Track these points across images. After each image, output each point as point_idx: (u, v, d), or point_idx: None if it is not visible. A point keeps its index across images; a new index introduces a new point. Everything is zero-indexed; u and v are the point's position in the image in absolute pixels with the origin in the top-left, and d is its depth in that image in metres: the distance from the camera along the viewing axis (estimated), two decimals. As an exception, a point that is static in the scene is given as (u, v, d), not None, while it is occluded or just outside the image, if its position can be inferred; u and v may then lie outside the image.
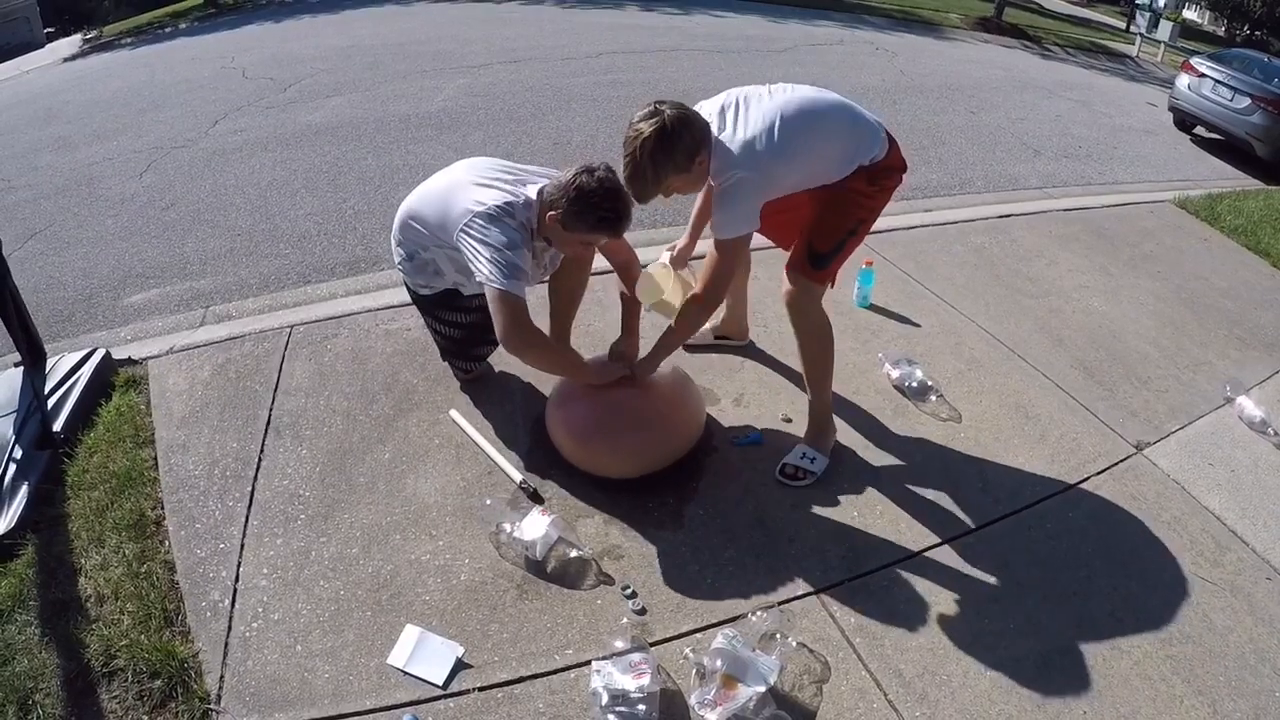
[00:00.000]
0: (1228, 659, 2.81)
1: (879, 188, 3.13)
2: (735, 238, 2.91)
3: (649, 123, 2.69)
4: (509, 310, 2.91)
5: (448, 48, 12.54)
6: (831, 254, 3.14)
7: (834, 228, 3.13)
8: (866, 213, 3.17)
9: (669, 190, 2.88)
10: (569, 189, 2.89)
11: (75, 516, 3.07)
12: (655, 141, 2.68)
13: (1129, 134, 10.92)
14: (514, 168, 3.24)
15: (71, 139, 9.12)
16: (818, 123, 2.98)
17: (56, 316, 5.01)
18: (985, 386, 4.07)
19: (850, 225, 3.15)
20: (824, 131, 3.00)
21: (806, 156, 2.95)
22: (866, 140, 3.05)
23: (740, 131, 2.86)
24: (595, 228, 2.93)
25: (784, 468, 3.39)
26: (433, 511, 3.12)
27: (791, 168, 2.92)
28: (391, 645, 2.60)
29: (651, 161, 2.71)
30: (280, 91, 10.22)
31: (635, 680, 2.38)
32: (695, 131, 2.77)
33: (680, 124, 2.72)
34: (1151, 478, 3.63)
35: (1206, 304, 5.28)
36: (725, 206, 2.88)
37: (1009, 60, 16.55)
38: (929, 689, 2.59)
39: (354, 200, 6.53)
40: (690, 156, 2.78)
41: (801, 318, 3.22)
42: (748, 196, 2.86)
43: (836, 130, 3.03)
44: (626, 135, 2.74)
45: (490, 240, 2.92)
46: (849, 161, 3.03)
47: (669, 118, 2.70)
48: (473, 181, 3.13)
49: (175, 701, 2.43)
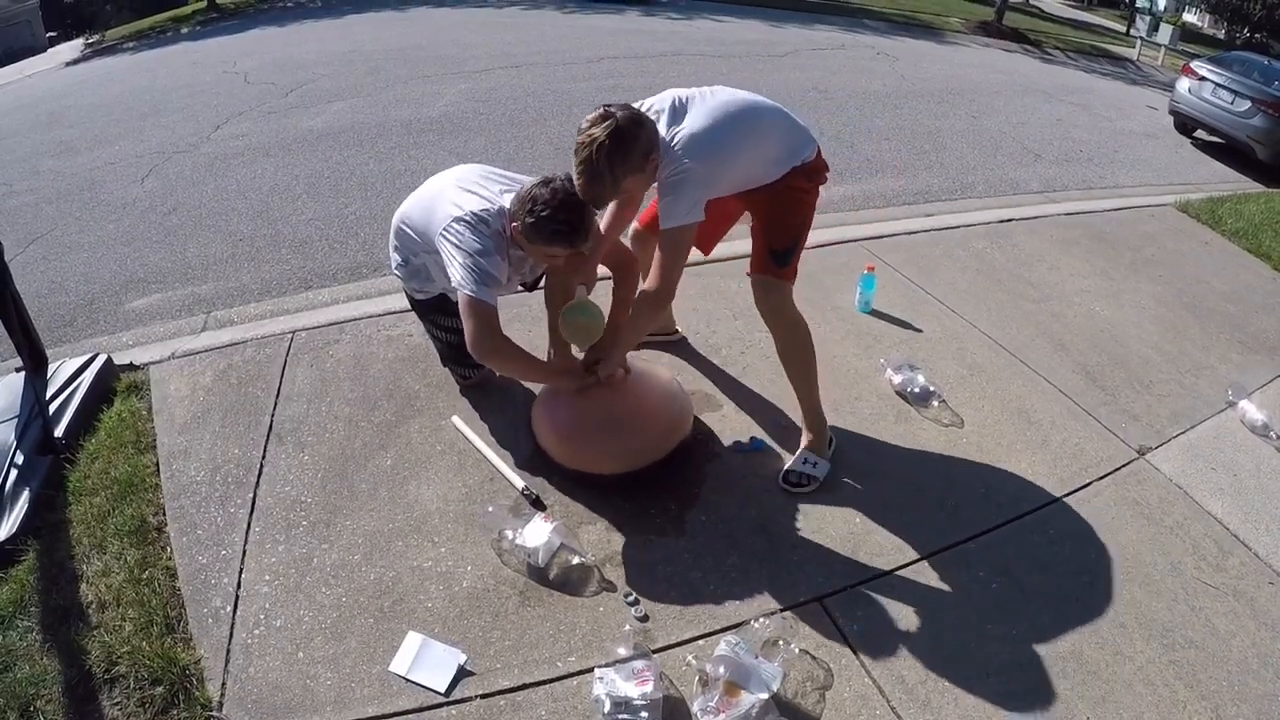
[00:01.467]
0: (1230, 664, 2.80)
1: (814, 185, 3.21)
2: (682, 226, 2.90)
3: (602, 126, 2.68)
4: (477, 316, 2.94)
5: (449, 53, 12.56)
6: (790, 250, 3.21)
7: (786, 225, 3.20)
8: (809, 209, 3.24)
9: (623, 192, 2.90)
10: (525, 201, 2.89)
11: (77, 522, 3.07)
12: (612, 144, 2.68)
13: (1130, 137, 10.93)
14: (501, 175, 3.24)
15: (73, 144, 9.13)
16: (759, 121, 3.05)
17: (58, 321, 5.01)
18: (987, 392, 4.06)
19: (799, 220, 3.22)
20: (765, 130, 3.06)
21: (750, 153, 3.02)
22: (800, 141, 3.14)
23: (686, 128, 2.88)
24: (551, 240, 2.91)
25: (787, 475, 3.39)
26: (435, 518, 3.12)
27: (735, 163, 2.99)
28: (394, 652, 2.59)
29: (609, 164, 2.70)
30: (282, 96, 10.24)
31: (638, 687, 2.38)
32: (647, 131, 2.79)
33: (633, 124, 2.73)
34: (1154, 482, 3.63)
35: (1208, 308, 5.28)
36: (672, 196, 2.88)
37: (1010, 64, 16.57)
38: (932, 695, 2.59)
39: (355, 205, 6.53)
40: (645, 156, 2.79)
41: (777, 317, 3.28)
42: (694, 187, 2.87)
43: (775, 130, 3.10)
44: (579, 141, 2.73)
45: (464, 246, 2.94)
46: (786, 161, 3.09)
47: (622, 119, 2.70)
48: (457, 187, 3.14)
49: (177, 708, 2.42)
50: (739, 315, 4.43)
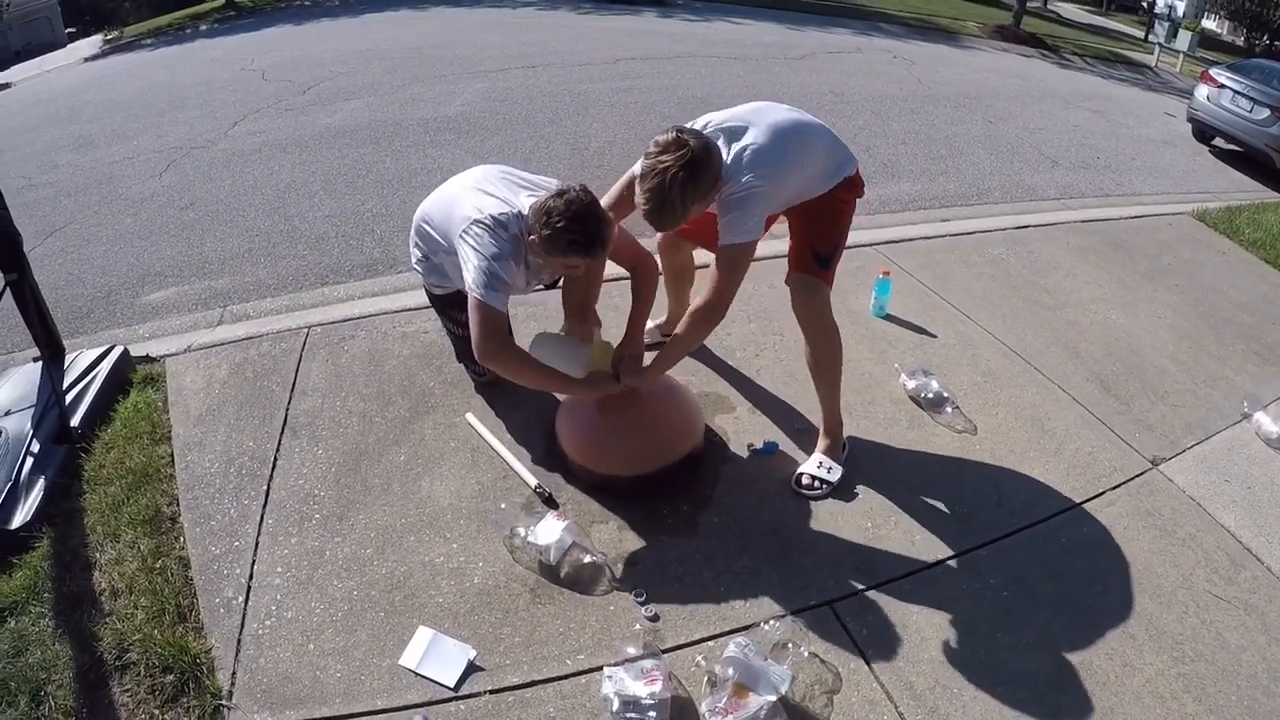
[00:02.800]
0: (1240, 678, 2.78)
1: (853, 196, 3.27)
2: (744, 243, 2.91)
3: (675, 155, 2.67)
4: (483, 319, 2.93)
5: (466, 52, 12.59)
6: (831, 255, 3.25)
7: (829, 231, 3.24)
8: (849, 219, 3.31)
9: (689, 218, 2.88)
10: (541, 214, 2.87)
11: (91, 511, 3.09)
12: (686, 174, 2.67)
13: (1147, 145, 10.87)
14: (521, 177, 3.23)
15: (92, 138, 9.20)
16: (811, 138, 3.09)
17: (76, 313, 5.04)
18: (1001, 399, 4.05)
19: (841, 228, 3.28)
20: (816, 146, 3.10)
21: (804, 169, 3.05)
22: (844, 158, 3.20)
23: (747, 146, 2.89)
24: (569, 251, 2.89)
25: (800, 478, 3.39)
26: (447, 514, 3.13)
27: (792, 179, 3.01)
28: (404, 646, 2.61)
29: (681, 194, 2.69)
30: (299, 94, 10.29)
31: (647, 687, 2.38)
32: (716, 158, 2.80)
33: (705, 153, 2.73)
34: (1167, 493, 3.61)
35: (1224, 318, 5.25)
36: (737, 213, 2.88)
37: (1027, 69, 16.52)
38: (940, 702, 2.58)
39: (372, 203, 6.55)
40: (714, 183, 2.80)
41: (815, 321, 3.28)
42: (759, 205, 2.89)
43: (824, 146, 3.14)
44: (651, 166, 2.71)
45: (480, 249, 2.93)
46: (833, 176, 3.15)
47: (696, 148, 2.70)
48: (477, 189, 3.13)
49: (187, 696, 2.44)
50: (754, 318, 4.43)
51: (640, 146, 2.79)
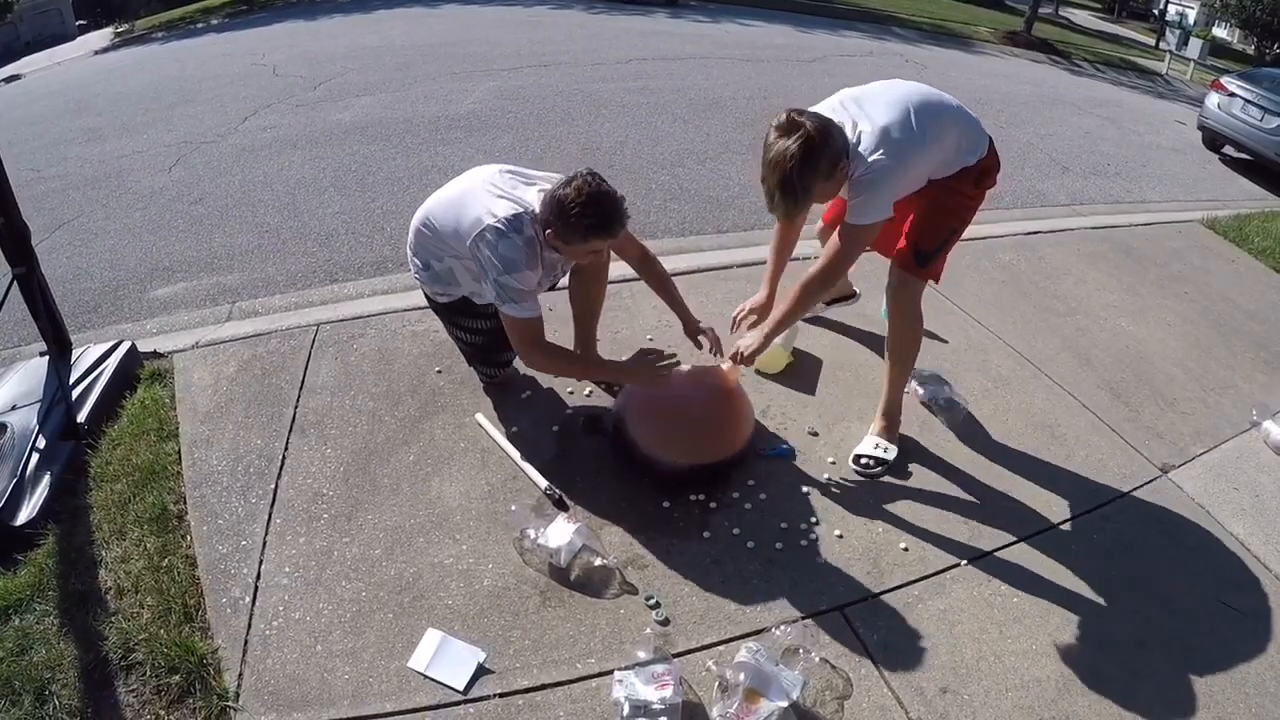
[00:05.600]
0: (1248, 687, 2.78)
1: (981, 189, 3.25)
2: (870, 224, 2.93)
3: (794, 139, 2.66)
4: (521, 331, 3.02)
5: (478, 50, 12.59)
6: (936, 251, 3.28)
7: (938, 227, 3.25)
8: (968, 213, 3.29)
9: (815, 201, 2.88)
10: (552, 205, 2.87)
11: (97, 508, 3.08)
12: (803, 156, 2.65)
13: (1157, 152, 10.86)
14: (526, 174, 3.21)
15: (101, 131, 9.21)
16: (942, 112, 3.06)
17: (83, 307, 5.04)
18: (1012, 405, 4.04)
19: (953, 224, 3.28)
20: (948, 120, 3.07)
21: (938, 144, 3.01)
22: (976, 133, 3.14)
23: (872, 124, 2.88)
24: (589, 236, 2.90)
25: (858, 458, 3.47)
26: (457, 515, 3.11)
27: (926, 155, 3.00)
28: (413, 648, 2.59)
29: (801, 177, 2.68)
30: (310, 89, 10.29)
31: (658, 691, 2.37)
32: (837, 138, 2.78)
33: (823, 135, 2.71)
34: (1176, 501, 3.60)
35: (1233, 326, 5.24)
36: (865, 193, 2.88)
37: (1038, 75, 16.52)
38: (950, 708, 2.57)
39: (382, 200, 6.54)
40: (834, 164, 2.78)
41: (903, 313, 3.37)
42: (887, 184, 2.88)
43: (956, 120, 3.09)
44: (771, 153, 2.70)
45: (497, 259, 2.93)
46: (967, 153, 3.11)
47: (812, 129, 2.67)
48: (485, 190, 3.10)
49: (193, 697, 2.43)
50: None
51: (651, 146, 2.79)
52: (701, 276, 4.86)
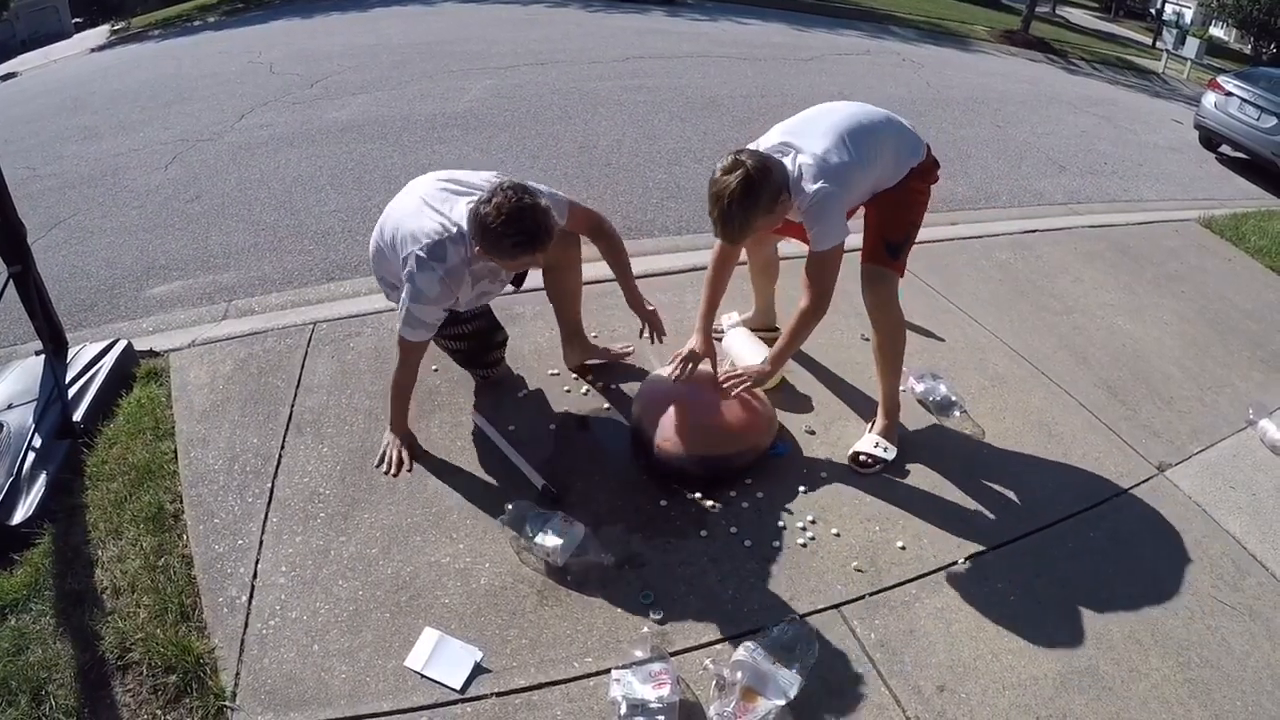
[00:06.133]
0: (1245, 684, 2.78)
1: (926, 184, 3.42)
2: (832, 249, 3.11)
3: (734, 175, 2.83)
4: (402, 348, 3.20)
5: (475, 48, 12.57)
6: (903, 243, 3.40)
7: (900, 220, 3.39)
8: (921, 207, 3.45)
9: (755, 231, 3.05)
10: (476, 223, 2.85)
11: (93, 507, 3.08)
12: (742, 192, 2.82)
13: (1154, 151, 10.87)
14: (460, 184, 3.18)
15: (97, 129, 9.19)
16: (874, 131, 3.23)
17: (79, 306, 5.03)
18: (1009, 403, 4.04)
19: (911, 218, 3.42)
20: (882, 136, 3.24)
21: (874, 162, 3.20)
22: (912, 143, 3.33)
23: (810, 155, 3.06)
24: (513, 253, 2.88)
25: (857, 456, 3.51)
26: (453, 514, 3.11)
27: (865, 174, 3.18)
28: (410, 647, 2.59)
29: (741, 209, 2.86)
30: (307, 87, 10.28)
31: (655, 690, 2.37)
32: (775, 175, 2.94)
33: (761, 172, 2.87)
34: (1173, 499, 3.60)
35: (1230, 325, 5.24)
36: (818, 223, 3.08)
37: (1034, 74, 16.52)
38: (947, 706, 2.57)
39: (379, 198, 6.47)
40: (774, 198, 2.95)
41: (883, 309, 3.45)
42: (835, 208, 3.06)
43: (890, 137, 3.27)
44: (715, 188, 2.87)
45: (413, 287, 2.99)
46: (904, 164, 3.30)
47: (751, 167, 2.84)
48: (418, 209, 3.10)
49: (190, 697, 2.42)
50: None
51: (648, 145, 2.83)
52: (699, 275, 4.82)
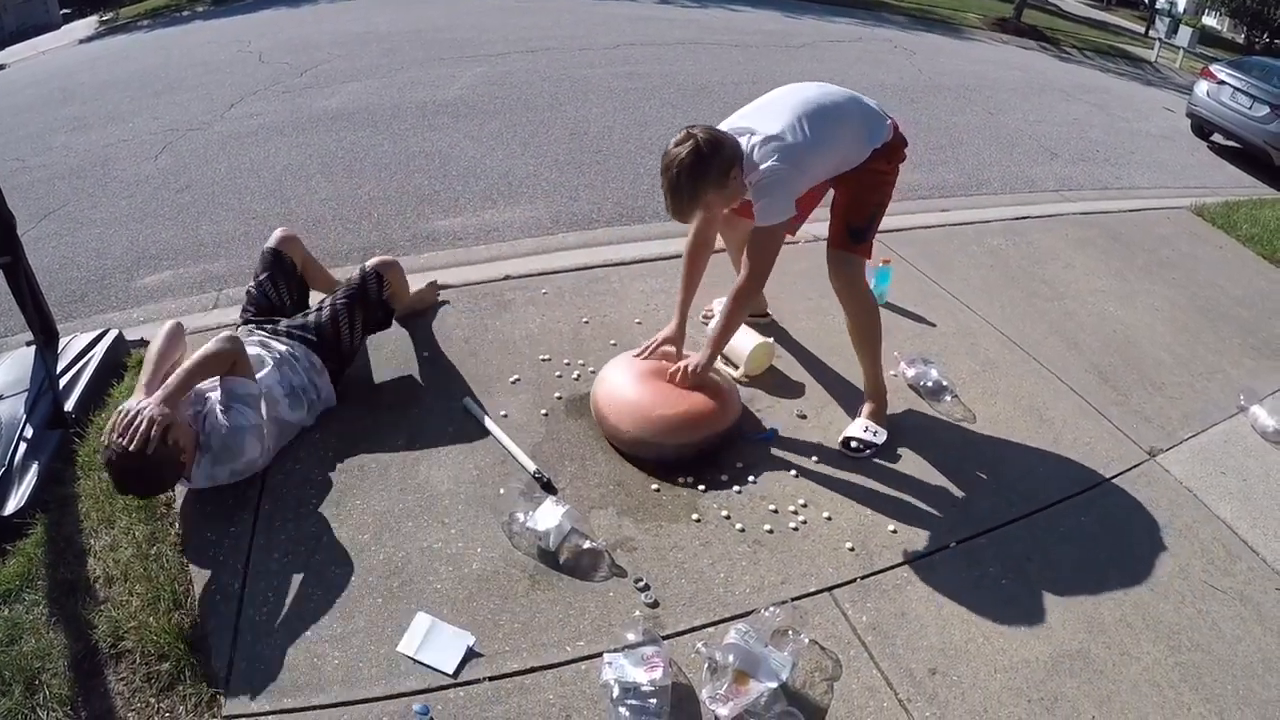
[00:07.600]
0: (1236, 668, 2.79)
1: (893, 164, 3.43)
2: (772, 225, 3.10)
3: (683, 146, 2.89)
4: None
5: (465, 35, 12.54)
6: (867, 227, 3.42)
7: (864, 203, 3.40)
8: (888, 187, 3.47)
9: (708, 206, 3.09)
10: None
11: (85, 497, 3.07)
12: (691, 162, 2.87)
13: (1146, 139, 10.89)
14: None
15: (86, 120, 9.14)
16: (834, 112, 3.23)
17: (69, 296, 5.01)
18: (1000, 388, 4.05)
19: (876, 199, 3.43)
20: (841, 120, 3.24)
21: (831, 144, 3.18)
22: (875, 124, 3.32)
23: (763, 134, 3.07)
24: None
25: (848, 441, 3.51)
26: (445, 499, 3.11)
27: (821, 155, 3.18)
28: (402, 633, 2.58)
29: (690, 180, 2.90)
30: (297, 76, 10.23)
31: (647, 673, 2.37)
32: (727, 149, 2.96)
33: (712, 144, 2.91)
34: (1164, 484, 3.62)
35: (1221, 312, 5.26)
36: (764, 197, 3.07)
37: (1027, 61, 16.52)
38: (939, 689, 2.58)
39: (369, 186, 6.52)
40: (724, 172, 2.97)
41: (851, 291, 3.46)
42: (783, 187, 3.06)
43: (851, 118, 3.27)
44: (665, 160, 2.93)
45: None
46: (866, 145, 3.28)
47: (701, 140, 2.89)
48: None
49: (184, 684, 2.42)
50: (757, 306, 4.41)
51: (639, 131, 2.84)
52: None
